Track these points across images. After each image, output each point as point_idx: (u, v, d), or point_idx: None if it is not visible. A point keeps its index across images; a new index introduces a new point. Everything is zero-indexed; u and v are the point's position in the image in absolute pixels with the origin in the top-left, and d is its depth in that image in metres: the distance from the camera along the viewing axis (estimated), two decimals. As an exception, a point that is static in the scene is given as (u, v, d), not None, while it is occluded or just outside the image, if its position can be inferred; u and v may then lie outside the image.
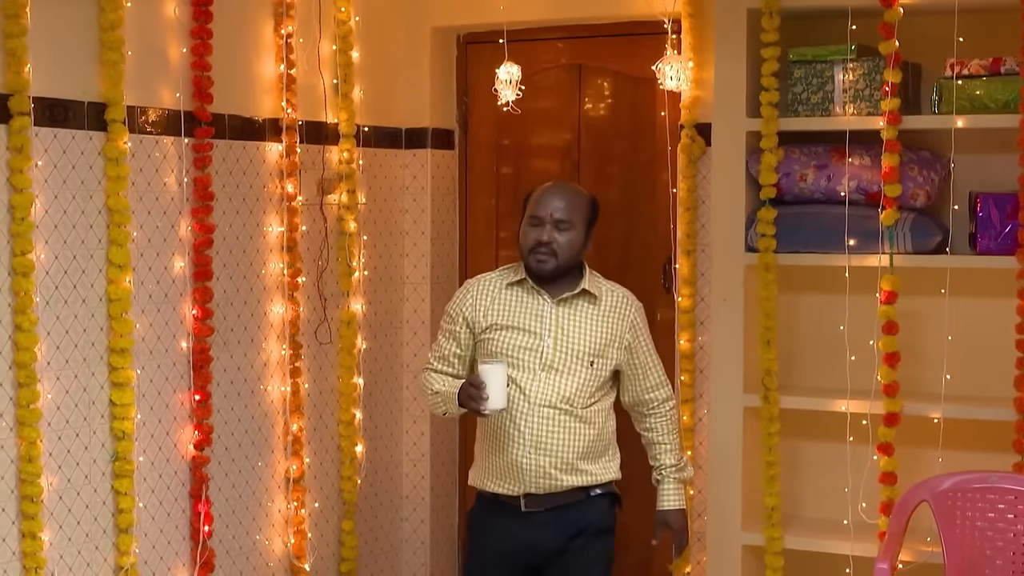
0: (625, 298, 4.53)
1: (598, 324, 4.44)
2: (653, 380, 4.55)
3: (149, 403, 4.84)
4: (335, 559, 5.77)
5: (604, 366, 4.45)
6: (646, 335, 4.55)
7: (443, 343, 4.55)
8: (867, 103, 5.10)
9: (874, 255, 5.07)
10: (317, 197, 5.61)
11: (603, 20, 5.82)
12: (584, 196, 4.49)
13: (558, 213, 4.39)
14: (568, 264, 4.41)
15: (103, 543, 4.68)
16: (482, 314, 4.46)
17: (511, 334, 4.42)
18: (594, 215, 4.49)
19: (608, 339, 4.44)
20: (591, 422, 4.42)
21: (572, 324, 4.43)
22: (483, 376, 4.23)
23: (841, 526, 5.27)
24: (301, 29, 5.48)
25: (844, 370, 5.19)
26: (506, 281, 4.50)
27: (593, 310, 4.45)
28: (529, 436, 4.36)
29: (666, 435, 4.57)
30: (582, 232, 4.43)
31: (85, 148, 4.58)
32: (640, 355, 4.52)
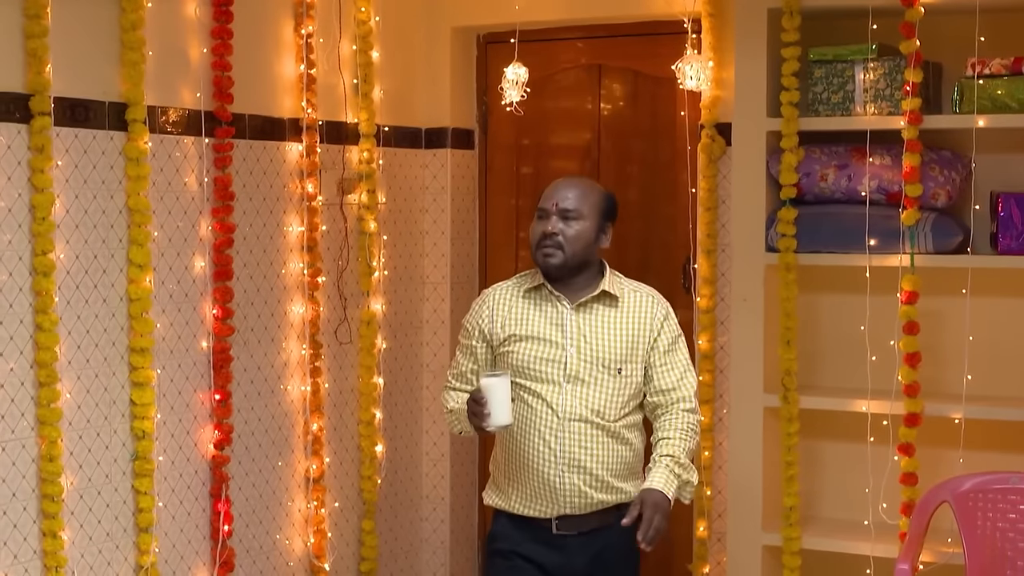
0: (651, 298, 4.25)
1: (622, 328, 4.18)
2: (668, 381, 4.20)
3: (170, 402, 4.85)
4: (355, 559, 5.78)
5: (633, 372, 4.18)
6: (671, 336, 4.23)
7: (460, 359, 4.37)
8: (888, 103, 5.09)
9: (895, 255, 5.05)
10: (337, 197, 5.61)
11: (623, 20, 5.81)
12: (596, 188, 4.25)
13: (564, 202, 4.16)
14: (578, 259, 4.15)
15: (123, 542, 4.69)
16: (500, 326, 4.24)
17: (531, 345, 4.19)
18: (610, 210, 4.24)
19: (633, 343, 4.18)
20: (626, 441, 4.18)
21: (594, 330, 4.17)
22: (484, 391, 4.03)
23: (861, 527, 5.25)
24: (321, 29, 5.49)
25: (865, 370, 5.18)
26: (523, 288, 4.27)
27: (616, 313, 4.19)
28: (561, 454, 4.12)
29: (673, 431, 4.16)
30: (594, 225, 4.17)
31: (106, 148, 4.59)
32: (657, 353, 4.20)
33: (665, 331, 4.22)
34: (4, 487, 4.28)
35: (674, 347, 4.24)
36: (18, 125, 4.29)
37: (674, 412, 4.20)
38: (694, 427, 4.20)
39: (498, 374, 4.06)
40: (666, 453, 4.12)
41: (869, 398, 5.14)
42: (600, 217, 4.20)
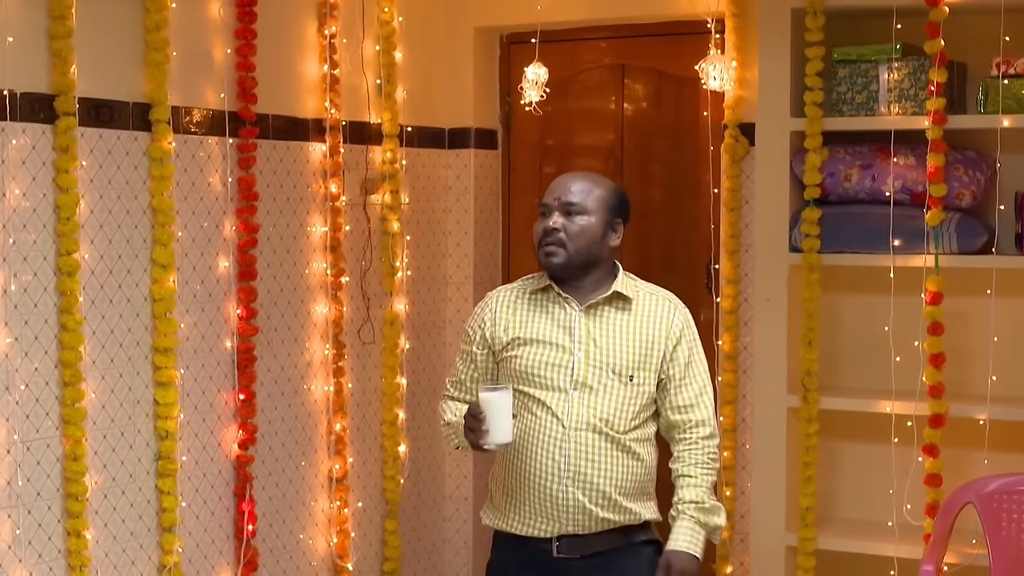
0: (667, 302, 3.95)
1: (634, 332, 3.88)
2: (686, 398, 3.90)
3: (194, 402, 4.86)
4: (378, 559, 5.78)
5: (646, 380, 3.88)
6: (690, 346, 3.93)
7: (459, 367, 4.08)
8: (912, 103, 5.07)
9: (919, 255, 5.04)
10: (360, 197, 5.62)
11: (646, 20, 5.80)
12: (603, 181, 3.96)
13: (567, 196, 3.88)
14: (583, 257, 3.86)
15: (147, 541, 4.70)
16: (502, 328, 3.95)
17: (535, 349, 3.89)
18: (619, 205, 3.94)
19: (646, 349, 3.88)
20: (637, 455, 3.87)
21: (605, 334, 3.87)
22: (483, 406, 3.72)
23: (886, 528, 5.24)
24: (345, 29, 5.49)
25: (889, 371, 5.17)
26: (528, 290, 3.99)
27: (629, 317, 3.90)
28: (566, 465, 3.81)
29: (693, 467, 3.88)
30: (601, 221, 3.87)
31: (130, 148, 4.60)
32: (676, 366, 3.90)
33: (684, 341, 3.93)
34: (29, 486, 4.30)
35: (693, 360, 3.94)
36: (43, 125, 4.31)
37: (692, 442, 3.91)
38: (714, 456, 3.92)
39: (498, 388, 3.77)
40: (690, 500, 3.85)
41: (893, 399, 5.13)
42: (608, 212, 3.90)
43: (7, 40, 4.19)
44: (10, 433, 4.23)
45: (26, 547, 4.29)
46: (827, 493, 5.43)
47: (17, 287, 4.25)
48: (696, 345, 3.97)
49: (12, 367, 4.23)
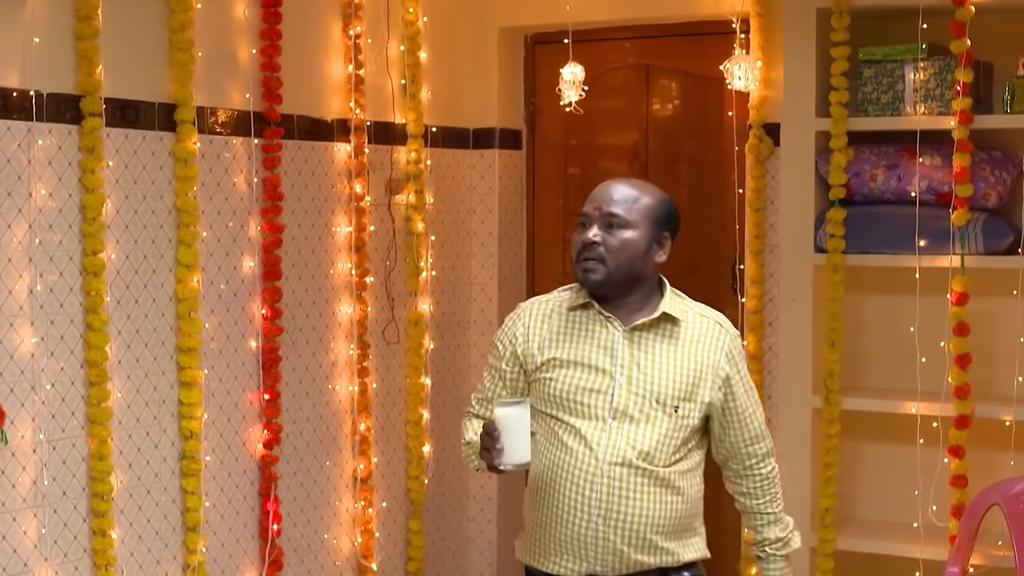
0: (718, 325, 3.64)
1: (683, 358, 3.57)
2: (753, 430, 3.66)
3: (219, 402, 4.87)
4: (402, 558, 5.79)
5: (692, 412, 3.56)
6: (745, 374, 3.67)
7: (487, 382, 3.76)
8: (938, 103, 5.06)
9: (945, 256, 5.02)
10: (385, 197, 5.62)
11: (671, 20, 5.80)
12: (650, 190, 3.61)
13: (608, 206, 3.54)
14: (624, 274, 3.53)
15: (172, 541, 4.71)
16: (537, 346, 3.63)
17: (573, 372, 3.56)
18: (667, 217, 3.61)
19: (696, 377, 3.57)
20: (678, 489, 3.56)
21: (650, 359, 3.55)
22: (498, 423, 3.44)
23: (911, 529, 5.23)
24: (369, 30, 5.50)
25: (914, 372, 5.15)
26: (567, 304, 3.65)
27: (677, 341, 3.58)
28: (596, 502, 3.51)
29: (768, 502, 3.70)
30: (645, 235, 3.54)
31: (155, 148, 4.62)
32: (738, 399, 3.62)
33: (739, 368, 3.64)
34: (55, 486, 4.31)
35: (748, 386, 3.67)
36: (69, 126, 4.32)
37: (764, 477, 3.71)
38: (778, 483, 3.74)
39: (515, 402, 3.47)
40: (775, 539, 3.70)
41: (919, 400, 5.11)
42: (654, 226, 3.57)
43: (33, 41, 4.21)
44: (36, 432, 4.25)
45: (52, 546, 4.31)
46: (852, 494, 5.41)
47: (43, 287, 4.26)
48: (747, 371, 3.70)
49: (38, 367, 4.25)
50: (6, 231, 4.15)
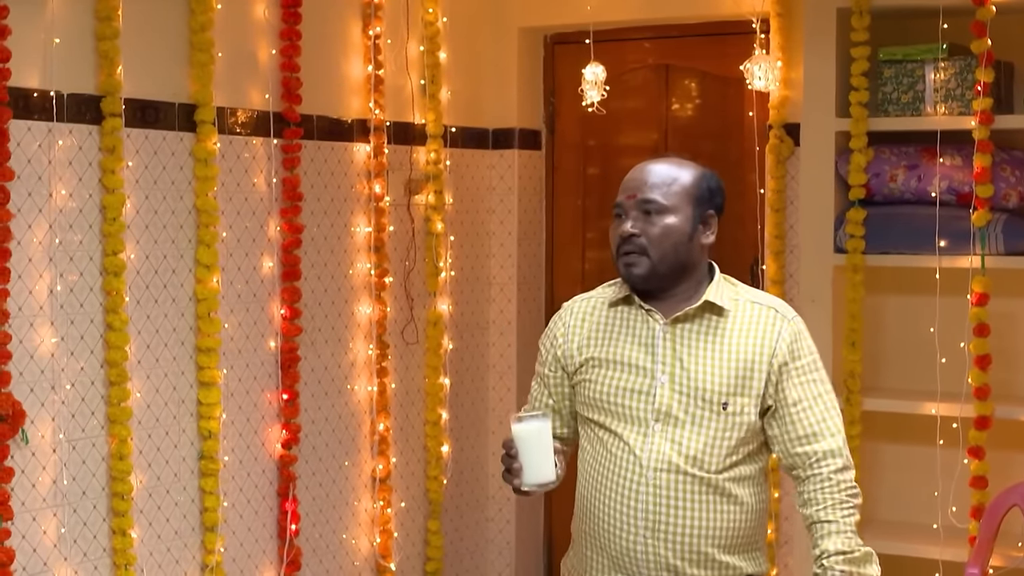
0: (772, 312, 3.29)
1: (731, 350, 3.25)
2: (807, 425, 3.23)
3: (238, 402, 4.88)
4: (421, 559, 5.79)
5: (746, 408, 3.23)
6: (806, 364, 3.27)
7: (533, 391, 3.51)
8: (958, 103, 5.04)
9: (965, 256, 5.01)
10: (404, 198, 5.63)
11: (691, 20, 5.79)
12: (687, 167, 3.31)
13: (643, 192, 3.26)
14: (669, 264, 3.25)
15: (191, 540, 4.72)
16: (576, 347, 3.37)
17: (613, 373, 3.30)
18: (710, 194, 3.31)
19: (745, 371, 3.23)
20: (735, 497, 3.24)
21: (694, 353, 3.25)
22: (516, 440, 3.17)
23: (931, 530, 5.21)
24: (389, 30, 5.50)
25: (934, 372, 5.14)
26: (608, 299, 3.38)
27: (723, 331, 3.26)
28: (643, 514, 3.22)
29: (831, 509, 3.21)
30: (688, 217, 3.26)
31: (175, 149, 4.62)
32: (790, 389, 3.24)
33: (797, 358, 3.27)
34: (75, 485, 4.32)
35: (811, 380, 3.27)
36: (89, 126, 4.33)
37: (824, 478, 3.23)
38: (853, 492, 3.24)
39: (533, 416, 3.19)
40: (835, 551, 3.18)
41: (939, 400, 5.10)
42: (696, 205, 3.28)
43: (54, 41, 4.22)
44: (56, 432, 4.26)
45: (71, 546, 4.32)
46: (871, 495, 5.40)
47: (63, 287, 4.27)
48: (814, 362, 3.30)
49: (58, 366, 4.26)
50: (27, 231, 4.16)
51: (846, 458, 3.24)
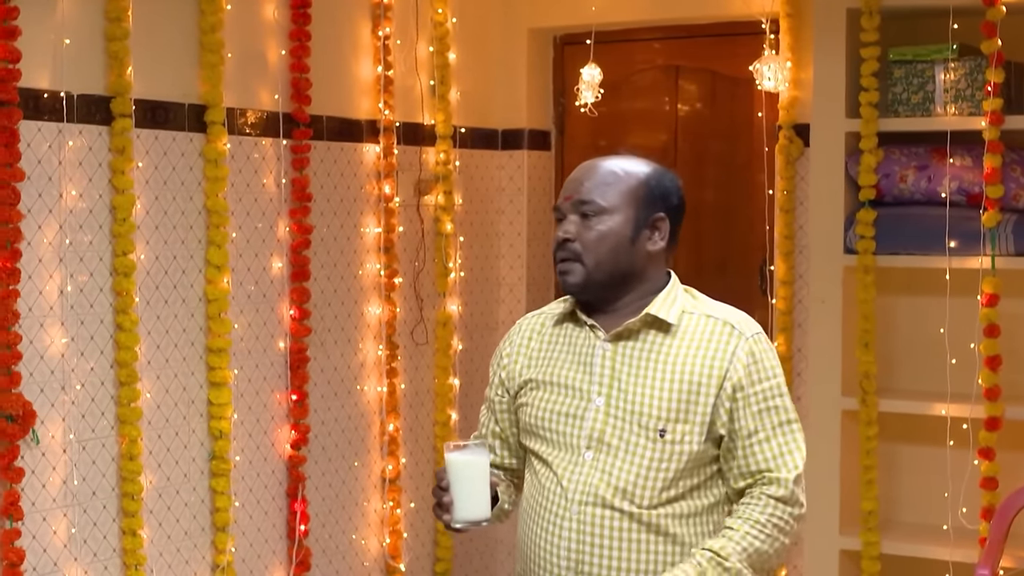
0: (728, 328, 2.92)
1: (674, 369, 2.89)
2: (761, 462, 2.89)
3: (247, 403, 4.88)
4: (430, 559, 5.79)
5: (686, 437, 2.87)
6: (768, 390, 2.91)
7: (482, 415, 3.26)
8: (969, 103, 5.04)
9: (975, 257, 5.00)
10: (414, 198, 5.63)
11: (700, 20, 5.79)
12: (635, 166, 2.99)
13: (579, 193, 2.95)
14: (606, 272, 2.93)
15: (201, 541, 4.72)
16: (519, 368, 3.08)
17: (548, 395, 2.99)
18: (661, 196, 2.96)
19: (688, 394, 2.87)
20: (673, 536, 2.89)
21: (634, 373, 2.91)
22: (447, 470, 2.89)
23: (941, 531, 5.20)
24: (398, 31, 5.50)
25: (944, 373, 5.13)
26: (556, 314, 3.08)
27: (668, 348, 2.91)
28: (566, 552, 2.91)
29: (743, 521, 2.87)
30: (629, 219, 2.92)
31: (185, 149, 4.63)
32: (748, 419, 2.89)
33: (756, 382, 2.90)
34: (84, 485, 4.33)
35: (769, 405, 2.91)
36: (99, 127, 4.34)
37: (757, 497, 2.90)
38: (780, 522, 2.88)
39: (467, 445, 2.92)
40: (711, 548, 2.85)
41: (949, 401, 5.09)
42: (640, 207, 2.94)
43: (64, 42, 4.22)
44: (66, 432, 4.26)
45: (81, 546, 4.32)
46: (882, 496, 5.39)
47: (73, 287, 4.28)
48: (777, 387, 2.92)
49: (68, 367, 4.27)
50: (37, 232, 4.16)
51: (792, 492, 2.89)
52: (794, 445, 2.93)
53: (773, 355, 2.95)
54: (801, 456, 2.93)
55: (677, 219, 3.00)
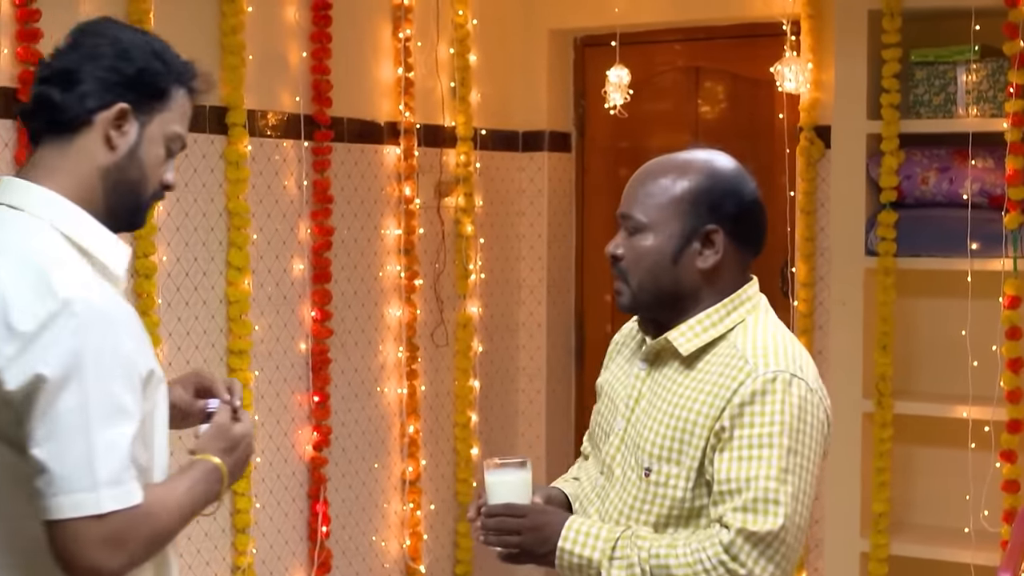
0: (741, 363, 2.56)
1: (675, 404, 2.60)
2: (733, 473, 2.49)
3: (268, 404, 4.89)
4: (450, 561, 5.79)
5: (671, 480, 2.58)
6: (759, 437, 2.49)
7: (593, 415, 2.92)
8: (991, 104, 5.02)
9: (997, 259, 4.98)
10: (434, 200, 5.63)
11: (721, 22, 5.78)
12: (691, 170, 2.69)
13: (625, 205, 2.70)
14: (652, 293, 2.65)
15: (222, 542, 4.73)
16: (603, 372, 2.88)
17: (601, 405, 2.82)
18: (716, 204, 2.66)
19: (684, 432, 2.57)
20: None
21: (652, 401, 2.66)
22: (487, 492, 2.69)
23: (962, 534, 5.19)
24: (419, 32, 5.51)
25: (966, 376, 5.11)
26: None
27: (681, 380, 2.63)
28: None
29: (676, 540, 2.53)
30: (672, 235, 2.63)
31: (206, 151, 4.64)
32: (724, 464, 2.51)
33: (744, 425, 2.51)
34: (106, 486, 4.33)
35: (753, 454, 2.49)
36: (121, 129, 4.34)
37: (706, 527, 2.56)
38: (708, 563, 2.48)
39: (509, 463, 2.69)
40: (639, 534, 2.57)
41: (970, 404, 5.07)
42: (685, 219, 2.64)
43: (86, 44, 4.23)
44: (88, 433, 4.27)
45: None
46: (902, 499, 5.38)
47: (95, 289, 4.28)
48: (770, 436, 2.50)
49: (90, 368, 4.27)
50: (58, 233, 4.17)
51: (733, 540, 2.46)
52: (764, 505, 2.46)
53: (788, 404, 2.51)
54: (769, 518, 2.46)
55: (737, 228, 2.69)
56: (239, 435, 2.52)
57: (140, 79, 2.35)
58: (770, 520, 2.45)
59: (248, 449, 2.54)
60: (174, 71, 2.42)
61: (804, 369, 2.58)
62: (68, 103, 2.31)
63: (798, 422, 2.51)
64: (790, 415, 2.50)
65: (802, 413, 2.52)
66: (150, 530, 2.29)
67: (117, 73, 2.33)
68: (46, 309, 2.19)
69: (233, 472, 2.51)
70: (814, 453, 2.54)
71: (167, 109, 2.41)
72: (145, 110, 2.37)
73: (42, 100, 2.32)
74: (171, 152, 2.46)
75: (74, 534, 2.17)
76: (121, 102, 2.33)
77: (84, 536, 2.18)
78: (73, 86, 2.31)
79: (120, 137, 2.35)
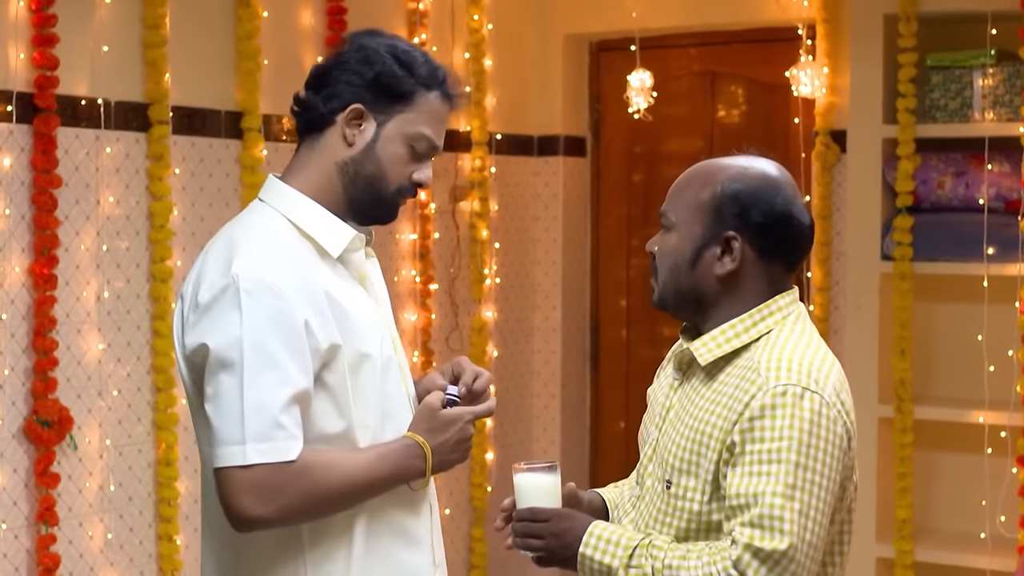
0: (755, 375, 2.49)
1: (694, 415, 2.56)
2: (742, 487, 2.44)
3: (283, 408, 4.89)
4: (465, 566, 5.79)
5: (689, 493, 2.54)
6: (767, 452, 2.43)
7: None
8: (1007, 109, 5.01)
9: (1014, 264, 4.97)
10: (449, 204, 5.63)
11: (736, 26, 5.78)
12: (719, 172, 2.64)
13: (665, 204, 2.69)
14: (676, 296, 2.62)
15: (237, 546, 4.73)
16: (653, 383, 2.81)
17: (645, 416, 2.78)
18: (739, 210, 2.57)
19: (700, 444, 2.53)
20: None
21: (676, 412, 2.63)
22: (516, 492, 2.70)
23: (978, 540, 5.17)
24: (434, 37, 5.51)
25: (982, 381, 5.10)
26: None
27: (703, 391, 2.58)
28: None
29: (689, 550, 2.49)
30: (692, 237, 2.59)
31: (222, 156, 4.64)
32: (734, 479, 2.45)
33: (754, 440, 2.45)
34: (121, 491, 4.34)
35: (761, 470, 2.43)
36: (136, 134, 4.36)
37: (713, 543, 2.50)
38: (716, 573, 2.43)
39: (538, 465, 2.68)
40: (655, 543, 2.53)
41: (987, 409, 5.06)
42: (705, 224, 2.59)
43: (102, 50, 4.25)
44: (103, 438, 4.28)
45: (118, 551, 4.34)
46: (918, 504, 5.36)
47: (111, 294, 4.29)
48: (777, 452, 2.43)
49: (105, 373, 4.28)
50: (74, 238, 4.18)
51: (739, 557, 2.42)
52: (770, 522, 2.41)
53: (799, 418, 2.45)
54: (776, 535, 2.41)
55: (762, 239, 2.58)
56: (446, 418, 2.69)
57: (377, 81, 2.63)
58: (776, 537, 2.41)
59: (461, 433, 2.72)
60: (418, 76, 2.66)
61: (821, 382, 2.52)
62: (315, 104, 2.65)
63: (809, 436, 2.46)
64: (800, 430, 2.45)
65: (814, 427, 2.47)
66: (307, 486, 2.49)
67: (359, 76, 2.64)
68: (221, 284, 2.49)
69: (439, 452, 2.69)
70: (829, 468, 2.49)
71: (410, 111, 2.67)
72: (384, 110, 2.64)
73: (299, 102, 2.67)
74: (416, 152, 2.70)
75: (226, 481, 2.47)
76: (357, 103, 2.61)
77: (234, 483, 2.46)
78: (322, 89, 2.66)
79: (356, 135, 2.64)
